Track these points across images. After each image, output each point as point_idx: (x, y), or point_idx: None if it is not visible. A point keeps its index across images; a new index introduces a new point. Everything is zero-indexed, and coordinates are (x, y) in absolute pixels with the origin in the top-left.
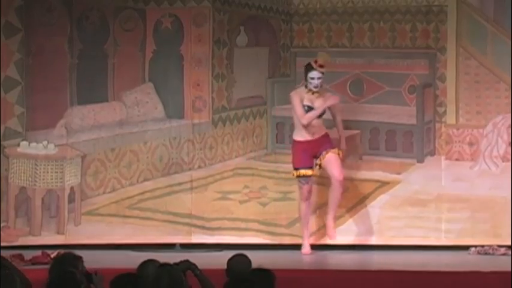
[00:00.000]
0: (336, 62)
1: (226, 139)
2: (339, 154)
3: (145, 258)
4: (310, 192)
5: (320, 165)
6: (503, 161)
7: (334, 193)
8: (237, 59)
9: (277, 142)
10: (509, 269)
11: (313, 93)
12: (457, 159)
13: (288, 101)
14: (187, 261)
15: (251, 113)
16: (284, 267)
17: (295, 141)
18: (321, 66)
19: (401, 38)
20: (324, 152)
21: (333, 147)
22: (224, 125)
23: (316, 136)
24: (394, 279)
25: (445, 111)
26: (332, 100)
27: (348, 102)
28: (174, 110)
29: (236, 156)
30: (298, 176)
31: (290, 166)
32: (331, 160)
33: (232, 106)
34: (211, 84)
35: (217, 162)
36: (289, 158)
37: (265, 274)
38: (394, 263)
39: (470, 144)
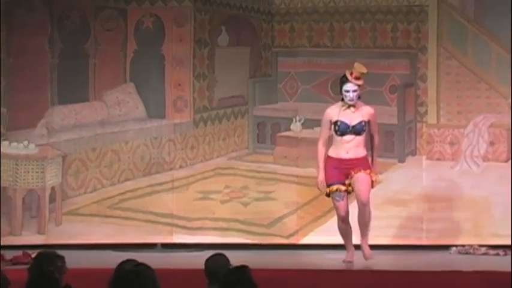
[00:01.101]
0: (317, 62)
1: (208, 139)
2: (371, 175)
3: (126, 258)
4: (346, 211)
5: (349, 185)
6: (484, 161)
7: (361, 217)
8: (219, 58)
9: (258, 142)
10: (490, 269)
11: (348, 107)
12: (438, 159)
13: (269, 100)
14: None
15: (232, 113)
16: (265, 267)
17: (328, 157)
18: (357, 78)
19: (382, 38)
20: (354, 171)
21: (368, 168)
22: (205, 125)
23: (352, 155)
24: (375, 279)
25: (426, 111)
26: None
27: (329, 102)
28: (156, 110)
29: (217, 156)
30: (331, 192)
31: (271, 166)
32: (359, 179)
33: (213, 106)
34: (193, 84)
35: (198, 162)
36: (270, 158)
37: (241, 272)
38: (375, 262)
39: (451, 144)
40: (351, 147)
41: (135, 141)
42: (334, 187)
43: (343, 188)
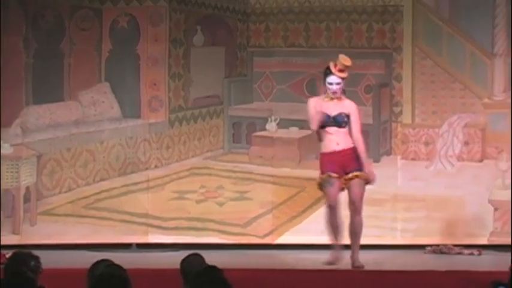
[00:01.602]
0: (292, 62)
1: (183, 139)
2: (366, 180)
3: (101, 258)
4: (335, 199)
5: (344, 189)
6: (458, 161)
7: (352, 226)
8: (194, 58)
9: (233, 142)
10: (465, 269)
11: (331, 99)
12: (413, 159)
13: (244, 100)
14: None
15: (208, 113)
16: (240, 266)
17: (321, 154)
18: (341, 70)
19: (357, 38)
20: (352, 173)
21: (362, 167)
22: (181, 125)
23: (343, 146)
24: (349, 279)
25: (401, 111)
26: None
27: (305, 102)
28: (131, 110)
29: (193, 156)
30: (322, 180)
31: (247, 165)
32: (356, 187)
33: (188, 106)
34: (168, 84)
35: (173, 161)
36: (246, 158)
37: (210, 272)
38: (350, 262)
39: (426, 143)
40: (339, 139)
41: (110, 141)
42: (325, 175)
43: (333, 174)
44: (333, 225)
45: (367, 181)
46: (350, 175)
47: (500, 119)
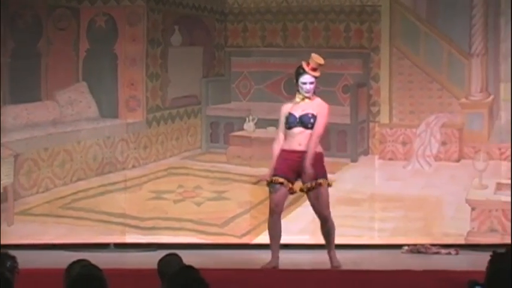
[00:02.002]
0: (270, 62)
1: (161, 139)
2: (328, 184)
3: (78, 258)
4: (277, 204)
5: (306, 192)
6: (436, 161)
7: (324, 228)
8: (172, 58)
9: (211, 141)
10: (442, 268)
11: (303, 99)
12: (390, 159)
13: (222, 100)
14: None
15: (185, 113)
16: (218, 266)
17: (280, 150)
18: (314, 69)
19: (335, 38)
20: (315, 181)
21: (324, 172)
22: (158, 125)
23: (304, 148)
24: (327, 278)
25: (378, 111)
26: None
27: (282, 102)
28: (108, 110)
29: (170, 156)
30: (269, 183)
31: (224, 165)
32: (321, 196)
33: (166, 105)
34: (146, 84)
35: (151, 161)
36: (223, 157)
37: (187, 272)
38: (328, 261)
39: (404, 143)
40: (302, 140)
41: (87, 140)
42: (273, 178)
43: (280, 180)
44: (274, 232)
45: (329, 185)
46: (313, 183)
47: (478, 119)
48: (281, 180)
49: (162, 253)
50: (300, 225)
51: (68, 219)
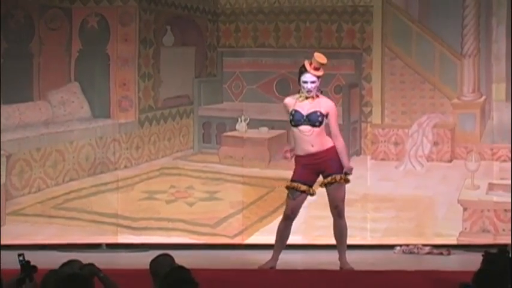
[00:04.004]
0: (262, 62)
1: (153, 139)
2: (346, 180)
3: (71, 259)
4: (294, 211)
5: (325, 187)
6: (428, 161)
7: (337, 228)
8: (164, 58)
9: (203, 142)
10: (434, 268)
11: (306, 98)
12: (382, 159)
13: (214, 100)
14: (91, 264)
15: (178, 113)
16: (210, 267)
17: (296, 156)
18: (316, 68)
19: (327, 38)
20: (331, 177)
21: (341, 168)
22: (150, 125)
23: (318, 149)
24: (319, 279)
25: (370, 111)
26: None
27: (274, 102)
28: (100, 110)
29: (163, 156)
30: (288, 188)
31: (216, 166)
32: (338, 191)
33: (158, 106)
34: (138, 84)
35: (143, 162)
36: (216, 158)
37: (179, 273)
38: (320, 262)
39: (396, 144)
40: (313, 140)
41: (79, 141)
42: (294, 184)
43: (303, 187)
44: (282, 235)
45: (347, 181)
46: (329, 178)
47: (470, 120)
48: (303, 188)
49: (154, 253)
50: (292, 225)
51: (60, 220)
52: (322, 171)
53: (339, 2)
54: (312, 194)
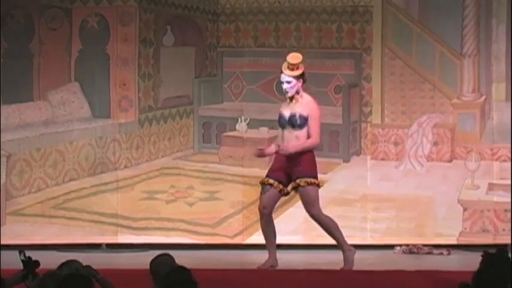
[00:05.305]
0: (262, 62)
1: (153, 139)
2: (315, 184)
3: (69, 259)
4: (265, 206)
5: (287, 194)
6: (428, 161)
7: (324, 229)
8: (164, 58)
9: (203, 142)
10: (434, 268)
11: (290, 99)
12: (382, 159)
13: (214, 100)
14: (88, 267)
15: (178, 113)
16: (210, 267)
17: (276, 152)
18: (290, 69)
19: (327, 38)
20: (294, 182)
21: (307, 172)
22: (150, 125)
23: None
24: (319, 279)
25: (370, 111)
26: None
27: (275, 102)
28: (100, 110)
29: (163, 156)
30: (261, 183)
31: (217, 166)
32: (303, 195)
33: (158, 106)
34: (138, 84)
35: (143, 162)
36: (216, 158)
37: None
38: (320, 262)
39: (396, 144)
40: (291, 141)
41: (79, 141)
42: (264, 178)
43: (270, 181)
44: (266, 233)
45: (311, 184)
46: (293, 183)
47: (470, 119)
48: (271, 181)
49: (154, 253)
50: (291, 225)
51: (60, 220)
52: (291, 173)
53: (339, 2)
54: (285, 194)
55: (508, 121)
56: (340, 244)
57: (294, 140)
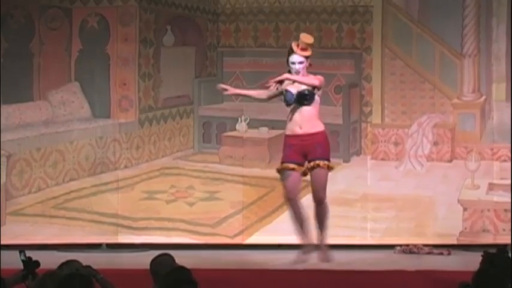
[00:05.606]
0: (262, 62)
1: (153, 139)
2: (328, 167)
3: (69, 259)
4: (292, 191)
5: (307, 174)
6: (428, 161)
7: (317, 214)
8: (164, 58)
9: (203, 142)
10: (434, 268)
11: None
12: (382, 159)
13: (214, 100)
14: (89, 267)
15: (178, 113)
16: (211, 267)
17: (285, 136)
18: (303, 49)
19: (327, 38)
20: (314, 162)
21: (326, 155)
22: (151, 125)
23: (306, 130)
24: (319, 279)
25: (370, 111)
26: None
27: (275, 102)
28: (101, 110)
29: (163, 156)
30: (279, 171)
31: (217, 166)
32: (319, 177)
33: (158, 106)
34: (138, 84)
35: (143, 161)
36: (216, 158)
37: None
38: (320, 262)
39: (396, 143)
40: (303, 121)
41: (80, 141)
42: (283, 165)
43: (291, 166)
44: (297, 219)
45: (330, 168)
46: (312, 163)
47: (470, 119)
48: (292, 166)
49: (154, 253)
50: (292, 225)
51: (60, 220)
52: (307, 154)
53: (339, 2)
54: (305, 174)
55: (508, 121)
56: (324, 237)
57: (304, 120)
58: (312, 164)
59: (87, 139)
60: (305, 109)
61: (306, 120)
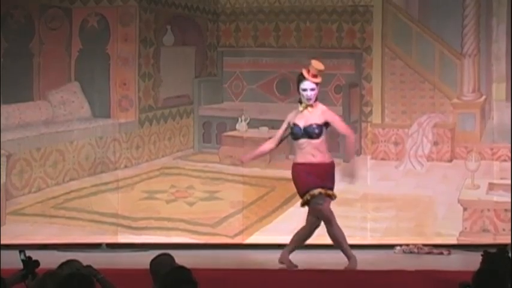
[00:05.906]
0: (262, 62)
1: (153, 138)
2: (331, 196)
3: (69, 259)
4: (331, 213)
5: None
6: (428, 161)
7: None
8: (164, 58)
9: (203, 141)
10: (434, 268)
11: (306, 107)
12: (382, 159)
13: (214, 100)
14: (89, 266)
15: (178, 113)
16: (211, 266)
17: (295, 164)
18: (314, 75)
19: (327, 38)
20: (330, 192)
21: (334, 184)
22: (151, 125)
23: (320, 160)
24: (319, 278)
25: (370, 111)
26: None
27: (275, 102)
28: (101, 109)
29: (163, 156)
30: (313, 197)
31: (217, 165)
32: (327, 204)
33: (158, 105)
34: (138, 84)
35: (143, 161)
36: (216, 157)
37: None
38: (320, 262)
39: (396, 143)
40: (314, 151)
41: (80, 140)
42: (316, 191)
43: (322, 191)
44: (343, 239)
45: (333, 197)
46: (330, 192)
47: (470, 119)
48: (322, 190)
49: (154, 253)
50: (292, 225)
51: (60, 219)
52: (323, 181)
53: (339, 2)
54: (334, 197)
55: (508, 121)
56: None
57: (315, 151)
58: (329, 192)
59: (87, 139)
60: (314, 141)
61: (317, 151)
